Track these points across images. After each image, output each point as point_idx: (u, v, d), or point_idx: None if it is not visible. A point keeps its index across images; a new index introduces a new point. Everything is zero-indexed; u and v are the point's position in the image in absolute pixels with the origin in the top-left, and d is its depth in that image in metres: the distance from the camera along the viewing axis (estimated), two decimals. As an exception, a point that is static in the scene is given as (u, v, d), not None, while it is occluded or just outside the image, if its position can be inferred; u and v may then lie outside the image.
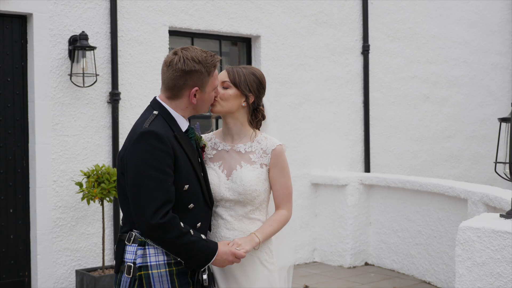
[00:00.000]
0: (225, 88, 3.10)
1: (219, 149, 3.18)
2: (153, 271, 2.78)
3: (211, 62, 2.90)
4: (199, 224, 2.90)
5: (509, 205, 4.68)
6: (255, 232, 3.03)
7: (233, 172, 3.09)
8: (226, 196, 3.08)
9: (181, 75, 2.86)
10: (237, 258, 2.92)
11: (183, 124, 2.94)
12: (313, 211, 8.20)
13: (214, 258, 2.86)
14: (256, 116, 3.21)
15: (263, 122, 3.27)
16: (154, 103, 2.94)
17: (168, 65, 2.89)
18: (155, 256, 2.80)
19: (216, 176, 3.10)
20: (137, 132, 2.80)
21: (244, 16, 7.62)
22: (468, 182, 7.99)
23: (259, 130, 3.24)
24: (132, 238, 2.83)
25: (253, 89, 3.14)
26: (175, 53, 2.90)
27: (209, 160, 3.18)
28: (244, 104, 3.14)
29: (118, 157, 2.90)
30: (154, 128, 2.78)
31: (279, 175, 3.14)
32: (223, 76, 3.13)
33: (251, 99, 3.15)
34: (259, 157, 3.12)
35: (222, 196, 3.08)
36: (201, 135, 3.19)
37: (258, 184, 3.07)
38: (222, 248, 2.89)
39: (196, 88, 2.89)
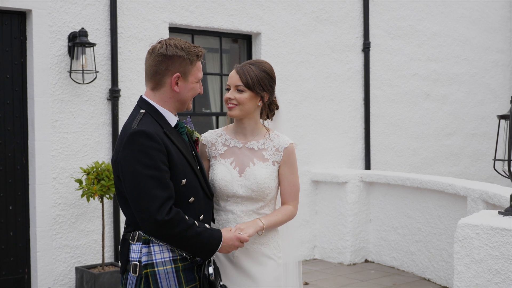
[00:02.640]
0: (240, 91, 3.11)
1: (231, 145, 3.19)
2: (159, 268, 2.77)
3: (193, 51, 2.89)
4: (201, 217, 2.91)
5: (508, 202, 4.68)
6: (260, 218, 3.07)
7: (246, 169, 3.11)
8: (238, 193, 3.10)
9: (163, 60, 2.84)
10: (241, 242, 2.94)
11: (172, 120, 2.93)
12: (313, 208, 8.19)
13: (220, 245, 2.86)
14: (271, 109, 3.26)
15: (276, 111, 3.30)
16: (141, 102, 2.92)
17: (151, 52, 2.88)
18: (160, 253, 2.79)
19: (228, 173, 3.11)
20: (127, 133, 2.78)
21: (245, 13, 7.61)
22: (468, 180, 7.99)
23: (272, 119, 3.28)
24: (136, 237, 2.82)
25: (267, 87, 3.16)
26: (159, 42, 2.90)
27: (220, 156, 3.18)
28: (260, 103, 3.17)
29: (112, 161, 2.88)
30: (143, 127, 2.76)
31: (289, 172, 3.18)
32: (235, 79, 3.12)
33: (266, 98, 3.18)
34: (271, 154, 3.16)
35: (234, 193, 3.10)
36: (202, 133, 3.20)
37: (270, 181, 3.11)
38: (226, 234, 2.90)
39: (178, 74, 2.86)
